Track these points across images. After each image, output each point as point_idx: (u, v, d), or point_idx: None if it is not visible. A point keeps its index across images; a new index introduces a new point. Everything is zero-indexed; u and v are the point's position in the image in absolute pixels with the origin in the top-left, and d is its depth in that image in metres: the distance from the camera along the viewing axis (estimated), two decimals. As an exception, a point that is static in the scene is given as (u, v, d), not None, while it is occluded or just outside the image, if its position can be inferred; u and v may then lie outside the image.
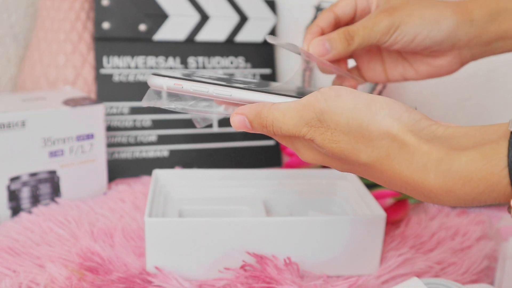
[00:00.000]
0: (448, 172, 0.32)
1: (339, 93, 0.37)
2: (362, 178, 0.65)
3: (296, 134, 0.38)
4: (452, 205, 0.33)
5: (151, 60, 0.79)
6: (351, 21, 0.53)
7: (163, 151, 0.79)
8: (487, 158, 0.31)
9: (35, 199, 0.65)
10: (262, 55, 0.85)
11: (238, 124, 0.41)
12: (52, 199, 0.67)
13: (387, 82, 0.58)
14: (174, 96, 0.44)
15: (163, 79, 0.42)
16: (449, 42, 0.51)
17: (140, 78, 0.79)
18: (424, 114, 0.36)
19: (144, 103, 0.43)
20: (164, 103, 0.44)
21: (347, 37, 0.49)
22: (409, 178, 0.34)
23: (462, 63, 0.54)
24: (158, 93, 0.44)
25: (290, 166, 0.74)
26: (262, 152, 0.82)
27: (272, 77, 0.85)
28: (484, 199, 0.32)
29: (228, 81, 0.43)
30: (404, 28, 0.49)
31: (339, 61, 0.54)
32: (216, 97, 0.42)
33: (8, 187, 0.63)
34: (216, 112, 0.44)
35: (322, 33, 0.51)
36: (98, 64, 0.77)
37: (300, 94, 0.41)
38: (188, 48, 0.81)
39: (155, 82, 0.42)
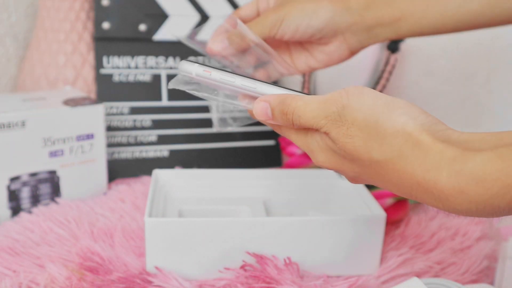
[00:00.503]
0: (461, 171, 0.32)
1: (361, 91, 0.38)
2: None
3: (314, 126, 0.39)
4: (463, 209, 0.32)
5: (151, 60, 0.79)
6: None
7: (163, 151, 0.79)
8: (503, 159, 0.30)
9: (35, 199, 0.65)
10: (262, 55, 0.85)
11: (260, 111, 0.42)
12: (52, 199, 0.67)
13: (299, 73, 0.61)
14: (199, 85, 0.46)
15: (193, 65, 0.44)
16: (329, 29, 0.56)
17: (140, 78, 0.79)
18: (440, 120, 0.36)
19: (170, 85, 0.45)
20: (190, 88, 0.45)
21: (238, 35, 0.54)
22: (421, 177, 0.34)
23: (351, 50, 0.58)
24: (186, 81, 0.45)
25: (290, 166, 0.74)
26: (262, 152, 0.82)
27: (272, 77, 0.85)
28: (497, 202, 0.31)
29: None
30: (287, 21, 0.55)
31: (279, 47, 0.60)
32: (241, 88, 0.43)
33: (8, 187, 0.63)
34: (239, 105, 0.45)
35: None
36: (98, 64, 0.77)
37: None
38: (188, 48, 0.81)
39: (186, 67, 0.44)
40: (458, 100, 0.85)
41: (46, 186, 0.66)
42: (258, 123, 0.79)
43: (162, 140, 0.79)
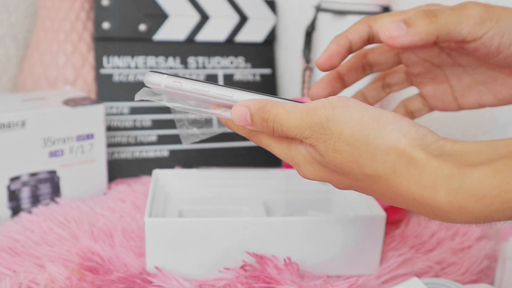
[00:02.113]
0: (460, 189, 0.30)
1: (347, 103, 0.36)
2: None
3: (297, 135, 0.37)
4: (463, 222, 0.32)
5: (151, 60, 0.79)
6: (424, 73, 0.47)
7: (163, 151, 0.79)
8: (501, 175, 0.29)
9: (35, 199, 0.65)
10: (262, 55, 0.85)
11: (238, 116, 0.39)
12: (52, 199, 0.67)
13: (461, 110, 0.48)
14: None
15: (162, 76, 0.40)
16: None
17: (140, 78, 0.79)
18: (430, 129, 0.34)
19: (136, 97, 0.41)
20: (159, 98, 0.42)
21: (428, 14, 0.40)
22: (418, 194, 0.32)
23: None
24: (153, 93, 0.42)
25: (290, 166, 0.74)
26: (262, 152, 0.82)
27: (272, 77, 0.85)
28: (498, 217, 0.30)
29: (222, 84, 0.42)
30: (504, 24, 0.39)
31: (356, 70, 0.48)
32: (216, 97, 0.40)
33: (8, 187, 0.63)
34: (213, 113, 0.42)
35: (349, 49, 0.45)
36: (98, 64, 0.77)
37: None
38: (188, 48, 0.81)
39: (153, 79, 0.40)
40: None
41: (46, 186, 0.66)
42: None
43: (162, 140, 0.79)
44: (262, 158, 0.82)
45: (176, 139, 0.79)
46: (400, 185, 0.33)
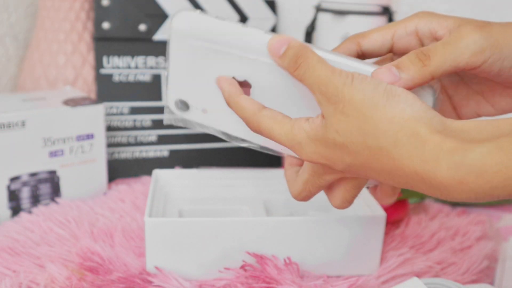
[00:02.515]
0: (461, 163, 0.31)
1: (365, 77, 0.36)
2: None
3: (315, 86, 0.37)
4: (462, 198, 0.32)
5: (151, 60, 0.79)
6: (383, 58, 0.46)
7: (163, 151, 0.79)
8: (503, 151, 0.30)
9: (35, 199, 0.65)
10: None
11: (276, 42, 0.39)
12: (52, 199, 0.67)
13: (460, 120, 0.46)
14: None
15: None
16: None
17: (140, 78, 0.79)
18: (430, 107, 0.35)
19: (165, 121, 0.45)
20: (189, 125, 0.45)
21: (419, 56, 0.38)
22: (419, 167, 0.33)
23: None
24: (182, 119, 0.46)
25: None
26: (262, 152, 0.82)
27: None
28: (497, 193, 0.31)
29: None
30: (504, 49, 0.37)
31: None
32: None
33: (8, 187, 0.63)
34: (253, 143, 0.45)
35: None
36: (98, 64, 0.77)
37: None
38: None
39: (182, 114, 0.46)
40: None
41: (46, 186, 0.66)
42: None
43: (162, 140, 0.79)
44: (262, 158, 0.82)
45: (176, 139, 0.79)
46: (401, 157, 0.33)
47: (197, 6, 0.80)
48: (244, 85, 0.42)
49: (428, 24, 0.41)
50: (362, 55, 0.44)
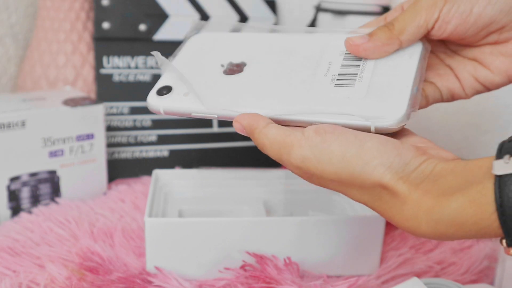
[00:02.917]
0: (439, 220, 0.32)
1: (325, 138, 0.36)
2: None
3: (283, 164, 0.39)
4: (445, 241, 0.34)
5: (151, 60, 0.79)
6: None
7: (163, 151, 0.79)
8: (476, 204, 0.31)
9: (35, 199, 0.65)
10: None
11: (238, 130, 0.41)
12: (52, 199, 0.67)
13: (466, 96, 0.46)
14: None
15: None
16: None
17: (140, 78, 0.79)
18: (415, 151, 0.35)
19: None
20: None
21: (387, 25, 0.41)
22: (401, 223, 0.34)
23: None
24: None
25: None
26: (262, 152, 0.82)
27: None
28: (477, 238, 0.33)
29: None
30: (450, 4, 0.40)
31: None
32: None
33: (8, 187, 0.63)
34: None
35: None
36: (98, 64, 0.77)
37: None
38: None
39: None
40: (458, 101, 0.85)
41: (46, 186, 0.66)
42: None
43: (162, 140, 0.79)
44: (262, 158, 0.82)
45: (176, 139, 0.79)
46: (385, 211, 0.35)
47: (197, 6, 0.80)
48: (240, 65, 0.46)
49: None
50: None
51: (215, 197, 0.63)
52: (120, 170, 0.77)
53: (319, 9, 0.75)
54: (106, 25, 0.77)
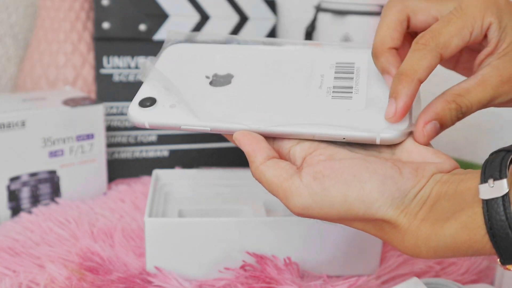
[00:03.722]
0: (437, 247, 0.34)
1: (324, 184, 0.35)
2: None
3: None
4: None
5: (151, 60, 0.79)
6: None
7: (163, 151, 0.79)
8: (468, 229, 0.32)
9: (35, 199, 0.65)
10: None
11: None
12: (52, 199, 0.67)
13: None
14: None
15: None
16: None
17: (140, 78, 0.79)
18: (414, 178, 0.35)
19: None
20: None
21: (459, 116, 0.39)
22: (403, 251, 0.36)
23: None
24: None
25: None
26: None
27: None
28: (475, 256, 0.34)
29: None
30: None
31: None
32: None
33: (8, 187, 0.63)
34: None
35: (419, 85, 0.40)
36: (98, 64, 0.77)
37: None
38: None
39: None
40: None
41: (46, 186, 0.66)
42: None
43: (162, 140, 0.79)
44: (262, 158, 0.82)
45: (176, 139, 0.79)
46: (387, 240, 0.36)
47: (197, 6, 0.80)
48: (227, 77, 0.44)
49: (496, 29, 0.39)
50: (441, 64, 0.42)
51: (215, 197, 0.63)
52: (120, 170, 0.77)
53: (319, 9, 0.75)
54: (106, 25, 0.77)
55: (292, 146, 0.39)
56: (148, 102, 0.41)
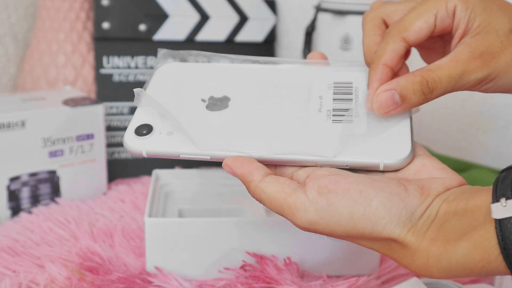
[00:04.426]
0: (449, 267, 0.33)
1: (330, 200, 0.35)
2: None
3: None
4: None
5: (151, 60, 0.79)
6: (425, 43, 0.42)
7: (163, 151, 0.79)
8: (481, 249, 0.32)
9: (35, 199, 0.65)
10: (262, 55, 0.85)
11: (230, 173, 0.39)
12: (52, 199, 0.67)
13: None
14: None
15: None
16: None
17: (140, 78, 0.79)
18: (420, 195, 0.35)
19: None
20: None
21: (424, 90, 0.38)
22: (414, 270, 0.35)
23: None
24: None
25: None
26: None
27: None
28: (488, 275, 0.34)
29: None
30: (499, 81, 0.39)
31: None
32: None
33: (8, 187, 0.63)
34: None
35: (392, 74, 0.40)
36: (98, 64, 0.77)
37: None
38: (188, 48, 0.80)
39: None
40: (457, 100, 0.85)
41: (46, 186, 0.66)
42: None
43: (162, 140, 0.79)
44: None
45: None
46: (397, 259, 0.36)
47: (197, 6, 0.80)
48: (223, 99, 0.43)
49: (464, 12, 0.39)
50: (409, 49, 0.42)
51: (215, 197, 0.63)
52: (120, 170, 0.77)
53: (319, 9, 0.75)
54: (106, 25, 0.77)
55: (294, 171, 0.39)
56: (145, 130, 0.40)
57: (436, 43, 0.45)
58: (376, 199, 0.35)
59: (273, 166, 0.39)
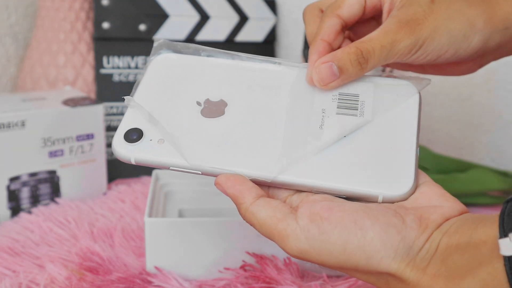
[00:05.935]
0: None
1: (322, 228, 0.33)
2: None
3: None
4: None
5: (151, 60, 0.79)
6: (359, 21, 0.45)
7: (163, 151, 0.79)
8: (489, 287, 0.30)
9: (35, 199, 0.65)
10: (262, 55, 0.85)
11: (221, 191, 0.39)
12: (52, 199, 0.67)
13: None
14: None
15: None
16: (476, 55, 0.44)
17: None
18: (418, 227, 0.33)
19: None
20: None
21: (360, 60, 0.40)
22: None
23: (482, 66, 0.48)
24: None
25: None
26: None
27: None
28: None
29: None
30: (428, 47, 0.41)
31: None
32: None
33: (8, 187, 0.63)
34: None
35: (330, 48, 0.42)
36: (98, 64, 0.77)
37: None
38: (188, 48, 0.81)
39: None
40: (457, 100, 0.85)
41: (46, 186, 0.66)
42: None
43: (162, 140, 0.79)
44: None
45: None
46: None
47: (197, 6, 0.80)
48: (220, 104, 0.41)
49: None
50: (345, 26, 0.44)
51: (215, 197, 0.63)
52: (120, 170, 0.77)
53: (319, 9, 0.75)
54: (106, 25, 0.77)
55: (288, 195, 0.37)
56: (135, 135, 0.38)
57: (375, 28, 0.45)
58: (371, 231, 0.33)
59: (266, 187, 0.38)
